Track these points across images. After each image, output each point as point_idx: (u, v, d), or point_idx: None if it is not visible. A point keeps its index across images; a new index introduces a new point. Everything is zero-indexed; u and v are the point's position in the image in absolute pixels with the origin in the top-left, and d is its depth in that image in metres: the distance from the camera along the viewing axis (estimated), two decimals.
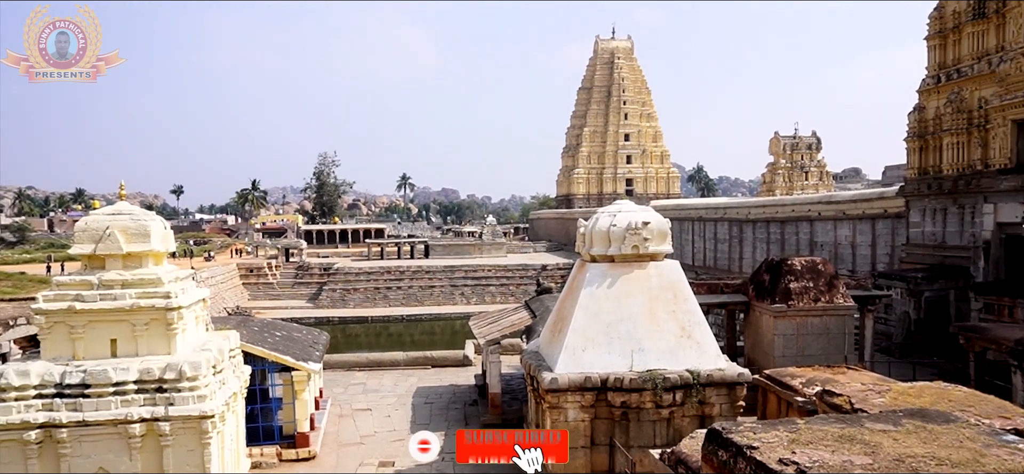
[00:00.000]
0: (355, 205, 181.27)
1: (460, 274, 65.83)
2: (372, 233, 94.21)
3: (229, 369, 14.37)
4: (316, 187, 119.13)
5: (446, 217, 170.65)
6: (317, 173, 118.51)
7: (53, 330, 12.79)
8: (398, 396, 25.67)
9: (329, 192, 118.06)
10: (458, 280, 65.16)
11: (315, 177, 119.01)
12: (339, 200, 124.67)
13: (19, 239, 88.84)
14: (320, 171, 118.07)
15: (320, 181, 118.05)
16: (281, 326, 23.93)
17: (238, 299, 59.59)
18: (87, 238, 13.18)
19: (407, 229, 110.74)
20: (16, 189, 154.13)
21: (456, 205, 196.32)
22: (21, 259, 67.49)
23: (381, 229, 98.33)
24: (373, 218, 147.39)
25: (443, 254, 73.86)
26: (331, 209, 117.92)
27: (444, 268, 66.43)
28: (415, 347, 38.27)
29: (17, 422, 11.94)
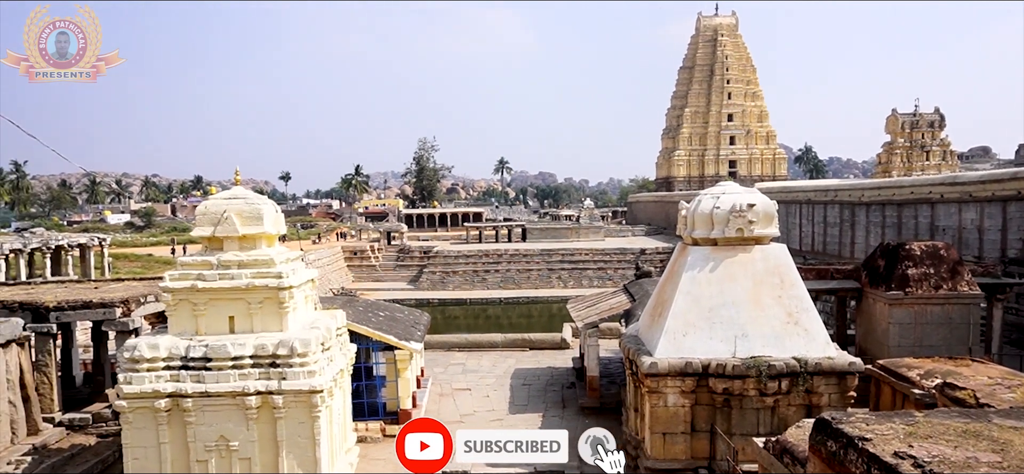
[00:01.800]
0: (454, 189, 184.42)
1: (557, 258, 65.81)
2: (470, 217, 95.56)
3: (336, 347, 14.94)
4: (416, 172, 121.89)
5: (543, 201, 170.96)
6: (417, 158, 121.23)
7: (178, 307, 13.69)
8: (496, 377, 25.99)
9: (428, 177, 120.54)
10: (555, 264, 65.18)
11: (415, 162, 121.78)
12: (438, 184, 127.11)
13: (146, 223, 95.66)
14: (420, 156, 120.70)
15: (420, 166, 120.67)
16: (384, 306, 24.67)
17: (343, 280, 61.88)
18: (207, 221, 13.99)
19: (504, 213, 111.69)
20: (143, 177, 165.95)
21: (553, 188, 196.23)
22: (148, 242, 72.75)
23: (479, 213, 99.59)
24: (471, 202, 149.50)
25: (540, 238, 74.01)
26: (430, 193, 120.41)
27: (541, 252, 66.58)
28: (512, 329, 38.56)
29: (149, 391, 12.87)
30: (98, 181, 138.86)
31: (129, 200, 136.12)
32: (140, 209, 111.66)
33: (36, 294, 20.48)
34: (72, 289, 22.53)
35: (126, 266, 51.54)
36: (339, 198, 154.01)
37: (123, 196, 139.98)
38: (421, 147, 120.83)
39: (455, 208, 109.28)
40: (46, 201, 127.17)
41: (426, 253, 69.19)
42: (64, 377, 20.97)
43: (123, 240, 71.92)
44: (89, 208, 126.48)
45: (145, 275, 36.68)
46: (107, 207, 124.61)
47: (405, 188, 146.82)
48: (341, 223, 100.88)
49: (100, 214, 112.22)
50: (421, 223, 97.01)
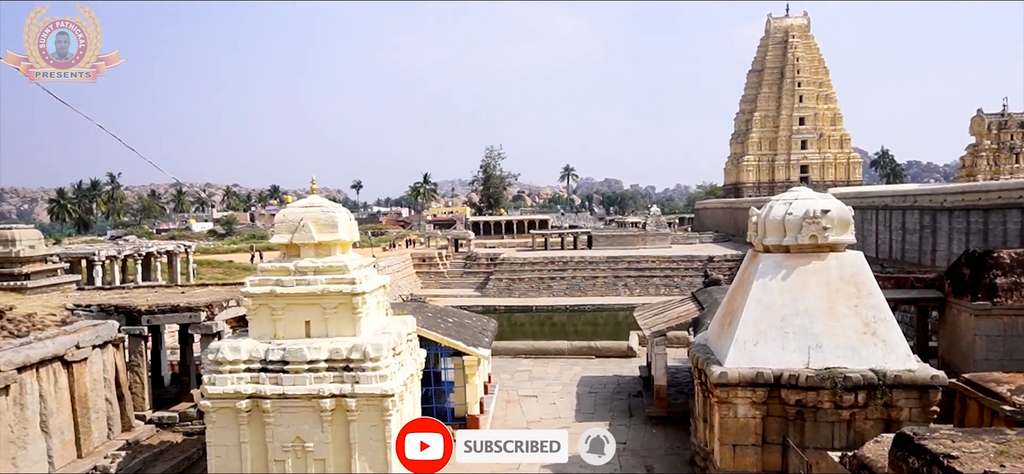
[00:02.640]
0: (520, 197, 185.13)
1: (623, 265, 65.30)
2: (536, 224, 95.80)
3: (407, 352, 15.30)
4: (483, 180, 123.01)
5: (609, 208, 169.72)
6: (483, 166, 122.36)
7: (258, 312, 14.29)
8: (563, 384, 26.01)
9: (495, 184, 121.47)
10: (621, 271, 64.69)
11: (482, 170, 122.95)
12: (504, 192, 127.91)
13: (227, 231, 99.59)
14: (486, 164, 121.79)
15: (486, 174, 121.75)
16: (453, 313, 25.05)
17: (412, 287, 62.99)
18: (285, 229, 14.56)
19: (570, 220, 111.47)
20: (225, 187, 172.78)
21: (619, 195, 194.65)
22: (229, 249, 75.72)
23: (545, 220, 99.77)
24: (537, 209, 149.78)
25: (606, 245, 73.60)
26: (497, 201, 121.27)
27: (607, 259, 66.19)
28: (578, 337, 38.50)
29: (231, 392, 13.48)
30: (184, 191, 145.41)
31: (212, 209, 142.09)
32: (221, 217, 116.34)
33: (129, 298, 21.69)
34: (161, 293, 23.76)
35: (209, 272, 53.80)
36: (408, 206, 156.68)
37: (206, 205, 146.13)
38: (488, 155, 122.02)
39: (521, 215, 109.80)
40: (138, 210, 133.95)
41: (492, 260, 69.72)
42: (153, 377, 22.07)
43: (206, 247, 75.12)
44: (176, 217, 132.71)
45: (226, 280, 38.25)
46: (192, 215, 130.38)
47: (472, 196, 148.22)
48: (410, 230, 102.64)
49: (185, 222, 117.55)
50: (488, 230, 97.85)
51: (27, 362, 14.88)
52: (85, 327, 17.53)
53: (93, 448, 16.99)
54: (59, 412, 16.05)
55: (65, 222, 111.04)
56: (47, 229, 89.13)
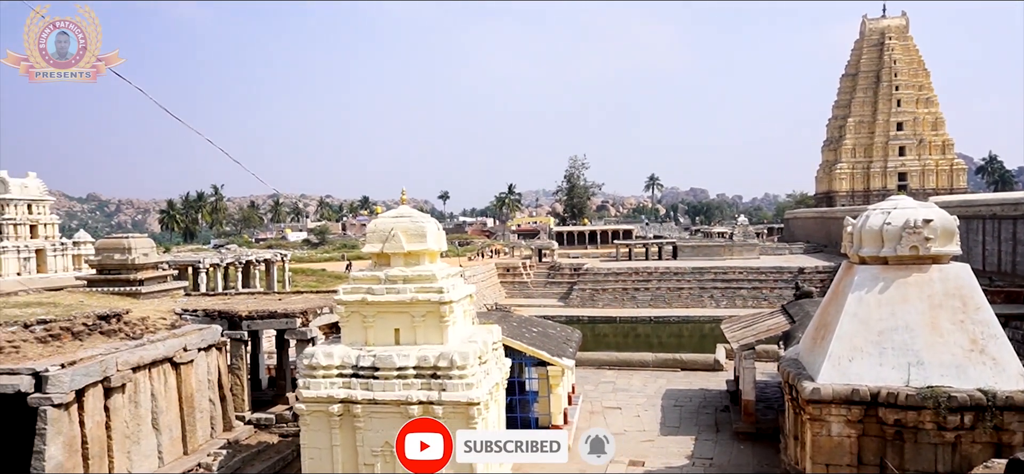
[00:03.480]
0: (603, 206, 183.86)
1: (709, 276, 63.87)
2: (620, 234, 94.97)
3: (492, 360, 15.51)
4: (567, 189, 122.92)
5: (694, 217, 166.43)
6: (568, 176, 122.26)
7: (350, 319, 14.83)
8: (647, 396, 25.70)
9: (579, 194, 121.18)
10: (707, 282, 63.29)
11: (566, 180, 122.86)
12: (588, 202, 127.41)
13: (320, 241, 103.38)
14: (570, 174, 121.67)
15: (570, 183, 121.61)
16: (537, 323, 25.18)
17: (496, 296, 63.58)
18: (376, 238, 15.06)
19: (654, 230, 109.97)
20: (318, 198, 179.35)
21: (705, 205, 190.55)
22: (322, 258, 78.60)
23: (629, 230, 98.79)
24: (621, 219, 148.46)
25: (691, 255, 72.17)
26: (581, 211, 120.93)
27: (692, 270, 64.91)
28: (662, 349, 37.91)
29: (324, 396, 14.03)
30: (280, 202, 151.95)
31: (306, 219, 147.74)
32: (315, 227, 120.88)
33: (231, 304, 22.89)
34: (260, 300, 24.95)
35: (303, 280, 55.98)
36: (493, 216, 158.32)
37: (301, 215, 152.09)
38: (572, 165, 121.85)
39: (605, 225, 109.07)
40: (238, 220, 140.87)
41: (576, 270, 69.56)
42: (252, 380, 23.18)
43: (301, 256, 78.17)
44: (273, 226, 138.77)
45: (320, 288, 39.72)
46: (288, 225, 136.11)
47: (556, 206, 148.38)
48: (495, 240, 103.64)
49: (282, 232, 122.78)
50: (571, 240, 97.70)
51: (141, 362, 15.95)
52: (192, 331, 18.63)
53: (197, 446, 18.01)
54: (168, 410, 17.11)
55: (173, 231, 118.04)
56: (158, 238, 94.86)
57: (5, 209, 36.29)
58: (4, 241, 35.39)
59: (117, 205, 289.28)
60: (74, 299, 20.47)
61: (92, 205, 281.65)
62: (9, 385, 13.39)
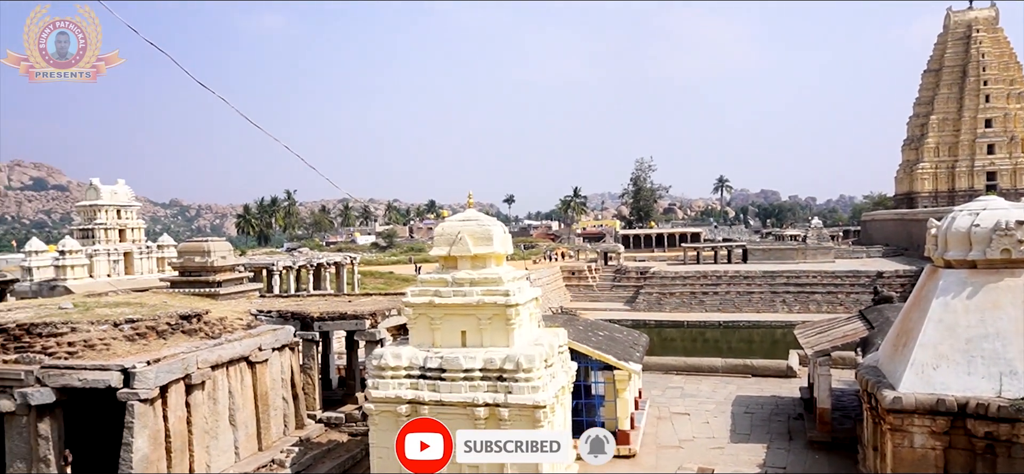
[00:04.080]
0: (670, 209, 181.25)
1: (781, 280, 62.12)
2: (688, 237, 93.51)
3: (558, 364, 15.45)
4: (633, 192, 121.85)
5: (765, 220, 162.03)
6: (634, 178, 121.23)
7: (418, 321, 15.01)
8: (716, 403, 25.17)
9: (645, 197, 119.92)
10: (779, 286, 61.58)
11: (632, 182, 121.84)
12: (655, 205, 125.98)
13: (388, 244, 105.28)
14: (636, 176, 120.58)
15: (636, 186, 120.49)
16: (603, 326, 24.99)
17: (561, 300, 63.41)
18: (443, 242, 15.21)
19: (723, 233, 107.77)
20: (386, 202, 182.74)
21: (776, 207, 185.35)
22: (390, 260, 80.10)
23: (697, 233, 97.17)
24: (688, 222, 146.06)
25: (762, 259, 70.36)
26: (647, 214, 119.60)
27: (763, 273, 63.28)
28: (731, 354, 37.02)
29: (392, 396, 14.24)
30: (350, 206, 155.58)
31: (374, 223, 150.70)
32: (383, 231, 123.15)
33: (303, 305, 23.51)
34: (330, 302, 25.55)
35: (372, 282, 57.14)
36: (558, 219, 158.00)
37: (370, 219, 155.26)
38: (638, 167, 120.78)
39: (672, 228, 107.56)
40: (310, 224, 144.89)
41: (642, 274, 68.78)
42: (323, 379, 23.74)
43: (369, 259, 79.85)
44: (342, 230, 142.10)
45: (388, 290, 40.41)
46: (357, 229, 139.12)
47: (622, 209, 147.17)
48: (560, 244, 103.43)
49: (351, 235, 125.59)
50: (637, 244, 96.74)
51: (219, 361, 16.55)
52: (266, 331, 19.21)
53: (271, 442, 18.55)
54: (244, 407, 17.69)
55: (249, 235, 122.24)
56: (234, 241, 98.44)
57: (97, 214, 38.29)
58: (96, 244, 37.35)
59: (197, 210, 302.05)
60: (158, 299, 21.40)
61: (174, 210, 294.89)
62: (101, 380, 14.09)
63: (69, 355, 14.87)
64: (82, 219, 39.19)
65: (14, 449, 14.71)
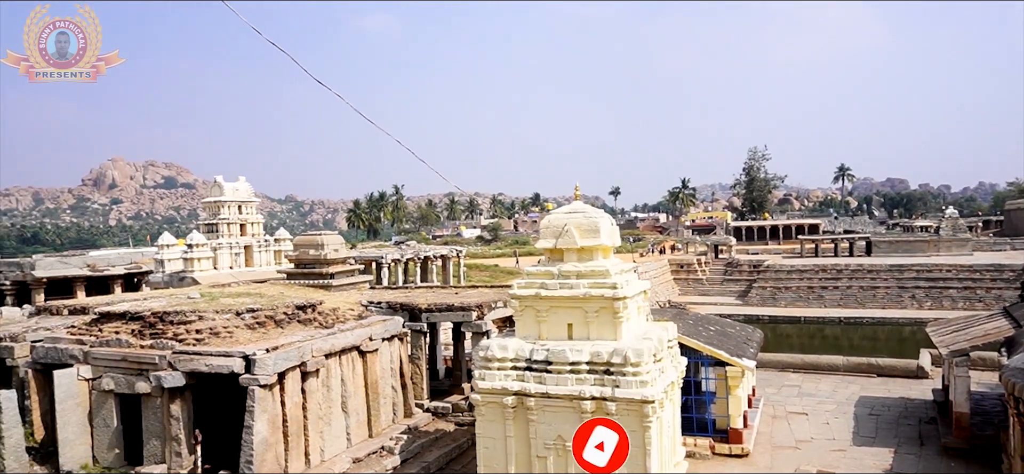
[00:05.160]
0: (786, 200, 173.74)
1: (910, 274, 58.09)
2: (805, 229, 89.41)
3: (667, 359, 14.98)
4: (745, 183, 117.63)
5: (892, 210, 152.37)
6: (746, 168, 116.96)
7: (524, 313, 14.94)
8: (837, 403, 23.80)
9: (759, 187, 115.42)
10: (907, 281, 57.61)
11: (744, 173, 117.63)
12: (769, 195, 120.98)
13: (493, 237, 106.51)
14: (749, 166, 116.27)
15: (749, 176, 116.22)
16: (715, 321, 24.13)
17: (669, 294, 62.02)
18: (549, 234, 15.05)
19: (844, 224, 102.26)
20: (491, 196, 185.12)
21: (904, 197, 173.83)
22: (495, 253, 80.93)
23: (815, 225, 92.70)
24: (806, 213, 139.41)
25: (888, 251, 66.09)
26: (761, 205, 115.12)
27: (889, 267, 59.39)
28: (853, 352, 34.85)
29: (498, 388, 14.24)
30: (456, 199, 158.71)
31: (480, 216, 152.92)
32: (488, 224, 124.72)
33: (412, 297, 24.03)
34: (437, 294, 26.00)
35: (477, 275, 57.92)
36: (666, 211, 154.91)
37: (475, 213, 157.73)
38: (751, 157, 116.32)
39: (788, 220, 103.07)
40: (417, 218, 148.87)
41: (755, 267, 66.26)
42: (430, 369, 24.18)
43: (474, 252, 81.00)
44: (448, 223, 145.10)
45: (493, 283, 40.80)
46: (462, 223, 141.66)
47: (733, 200, 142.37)
48: (667, 237, 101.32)
49: (457, 229, 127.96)
50: (750, 236, 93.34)
51: (332, 350, 17.12)
52: (377, 321, 19.73)
53: (381, 429, 19.04)
54: (355, 395, 18.24)
55: (359, 229, 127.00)
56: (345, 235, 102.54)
57: (220, 210, 40.77)
58: (219, 238, 39.78)
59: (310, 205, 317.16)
60: (275, 290, 22.43)
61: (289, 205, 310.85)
62: (225, 366, 14.88)
63: (197, 341, 15.78)
64: (207, 215, 41.86)
65: (149, 427, 15.78)
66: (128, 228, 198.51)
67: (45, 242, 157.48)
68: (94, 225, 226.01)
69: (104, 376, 16.09)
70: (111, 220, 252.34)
